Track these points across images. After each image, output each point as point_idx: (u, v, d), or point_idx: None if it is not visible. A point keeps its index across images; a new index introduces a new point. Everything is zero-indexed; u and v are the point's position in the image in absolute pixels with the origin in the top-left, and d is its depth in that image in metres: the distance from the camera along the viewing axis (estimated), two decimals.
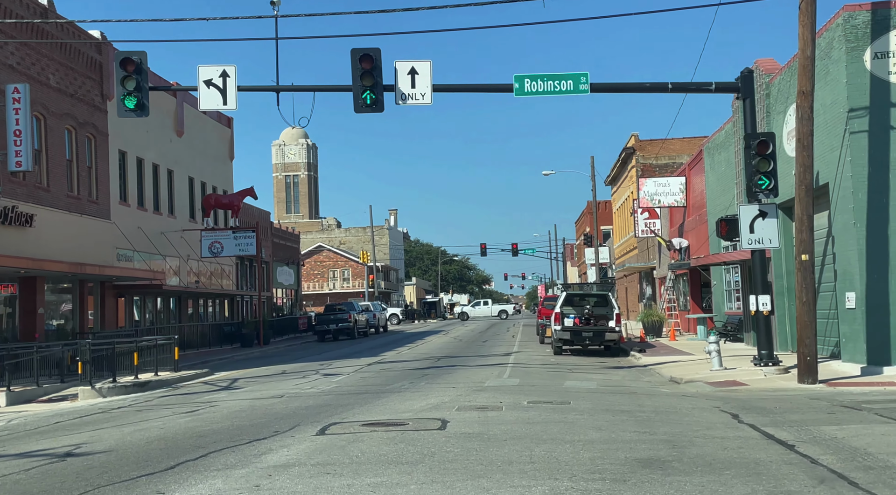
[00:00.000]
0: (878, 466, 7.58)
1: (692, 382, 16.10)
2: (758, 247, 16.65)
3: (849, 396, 12.95)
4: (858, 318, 16.09)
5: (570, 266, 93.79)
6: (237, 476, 7.82)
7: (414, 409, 12.26)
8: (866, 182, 15.99)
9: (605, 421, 10.71)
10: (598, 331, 24.48)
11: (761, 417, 10.88)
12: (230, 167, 44.67)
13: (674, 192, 33.92)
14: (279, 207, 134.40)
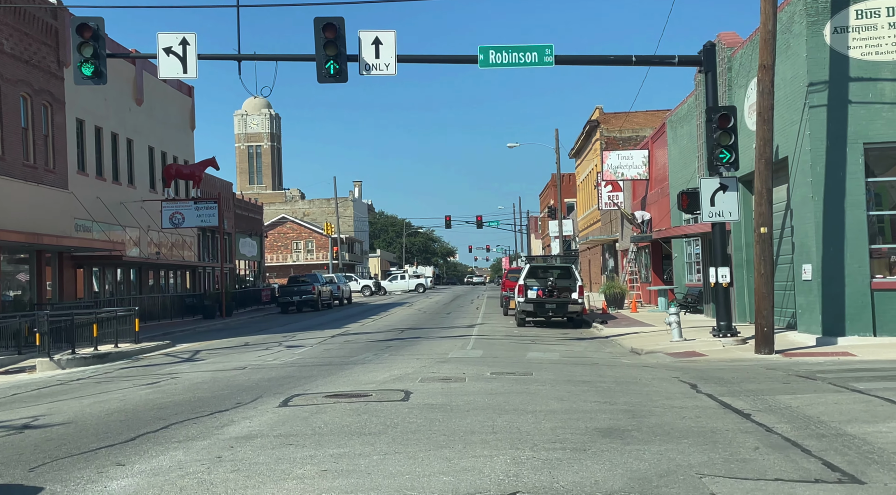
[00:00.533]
0: (830, 434, 7.77)
1: (653, 353, 16.33)
2: (718, 220, 16.85)
3: (804, 366, 13.23)
4: (814, 290, 16.42)
5: (534, 238, 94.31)
6: (199, 447, 7.79)
7: (377, 381, 12.29)
8: (824, 156, 16.24)
9: (567, 391, 10.83)
10: (561, 303, 24.68)
11: (719, 387, 11.08)
12: (191, 137, 44.00)
13: (637, 165, 34.17)
14: (242, 178, 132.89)
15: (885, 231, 16.80)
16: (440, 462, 6.88)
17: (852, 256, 16.03)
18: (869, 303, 15.98)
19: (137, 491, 6.28)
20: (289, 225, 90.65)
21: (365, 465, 6.83)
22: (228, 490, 6.19)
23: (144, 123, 37.04)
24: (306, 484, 6.26)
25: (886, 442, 7.32)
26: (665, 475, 6.32)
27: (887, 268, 16.50)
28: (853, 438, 7.56)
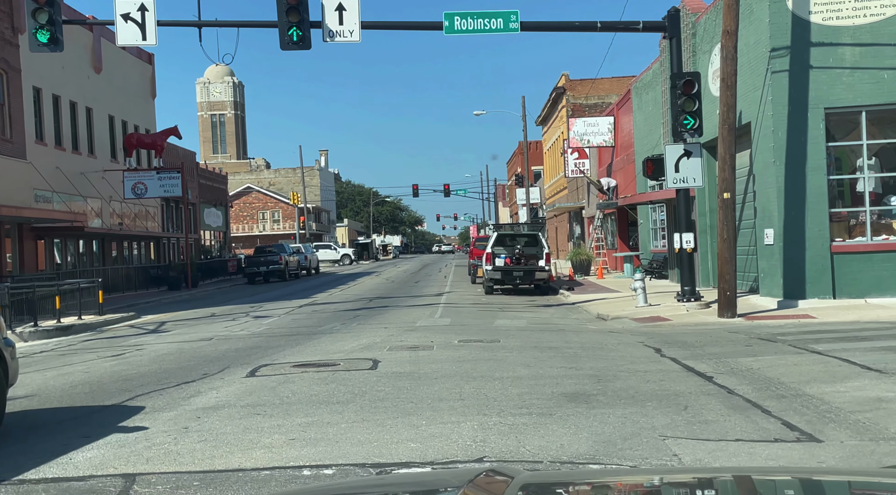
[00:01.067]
0: (789, 394, 7.94)
1: (618, 319, 16.51)
2: (682, 185, 16.99)
3: (765, 329, 13.48)
4: (776, 254, 16.68)
5: (501, 206, 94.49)
6: (165, 418, 7.76)
7: (345, 350, 12.30)
8: (786, 121, 16.40)
9: (534, 357, 10.94)
10: (528, 271, 24.82)
11: (682, 351, 11.26)
12: (152, 105, 43.21)
13: (602, 132, 34.26)
14: (205, 147, 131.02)
15: (844, 195, 17.08)
16: (408, 429, 6.93)
17: (813, 220, 16.28)
18: (829, 267, 16.28)
19: (103, 462, 6.25)
20: (254, 195, 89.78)
21: (333, 433, 6.85)
22: (196, 460, 6.18)
23: (104, 91, 36.27)
24: (274, 453, 6.27)
25: (843, 402, 7.50)
26: (629, 438, 6.42)
27: (846, 232, 16.80)
28: (812, 398, 7.73)
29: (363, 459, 6.03)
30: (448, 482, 1.88)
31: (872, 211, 16.66)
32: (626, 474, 2.67)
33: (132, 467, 6.05)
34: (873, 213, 16.68)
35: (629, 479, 2.10)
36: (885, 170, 16.82)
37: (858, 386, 8.19)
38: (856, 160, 16.89)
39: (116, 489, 5.50)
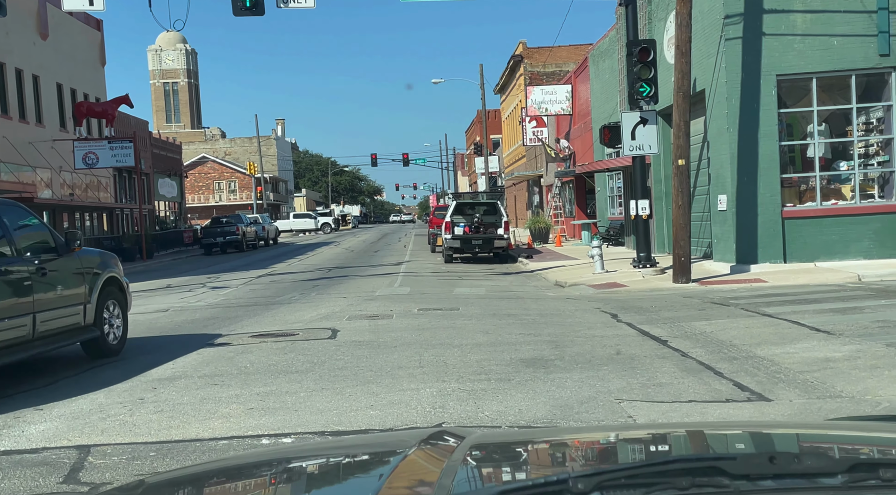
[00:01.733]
0: (741, 356, 8.12)
1: (576, 285, 16.68)
2: (638, 153, 17.13)
3: (718, 293, 13.74)
4: (729, 220, 16.95)
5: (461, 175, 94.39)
6: (120, 390, 7.68)
7: (304, 320, 12.26)
8: (739, 88, 16.58)
9: (493, 325, 11.02)
10: (487, 239, 24.91)
11: (638, 316, 11.43)
12: (102, 73, 42.16)
13: (560, 100, 34.33)
14: (158, 117, 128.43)
15: (795, 160, 17.38)
16: (367, 397, 6.95)
17: (765, 186, 16.55)
18: (780, 232, 16.60)
19: (57, 434, 6.17)
20: (210, 164, 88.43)
21: (292, 402, 6.85)
22: (152, 430, 6.14)
23: (51, 59, 35.27)
24: (232, 423, 6.25)
25: (793, 363, 7.70)
26: (586, 401, 6.53)
27: (797, 197, 17.13)
28: (762, 360, 7.92)
29: (322, 427, 6.05)
30: (401, 443, 1.92)
31: (822, 176, 16.99)
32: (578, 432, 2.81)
33: (86, 438, 5.99)
34: (823, 179, 17.02)
35: (582, 436, 2.17)
36: (834, 135, 17.14)
37: (807, 348, 8.41)
38: (806, 126, 17.18)
39: (70, 460, 5.44)
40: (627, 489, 1.24)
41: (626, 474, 1.31)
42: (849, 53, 16.31)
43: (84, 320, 9.01)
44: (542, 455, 1.88)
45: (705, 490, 1.21)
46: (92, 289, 9.15)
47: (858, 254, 16.35)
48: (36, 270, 8.14)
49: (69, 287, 8.73)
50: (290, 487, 1.78)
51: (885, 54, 16.15)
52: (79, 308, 8.88)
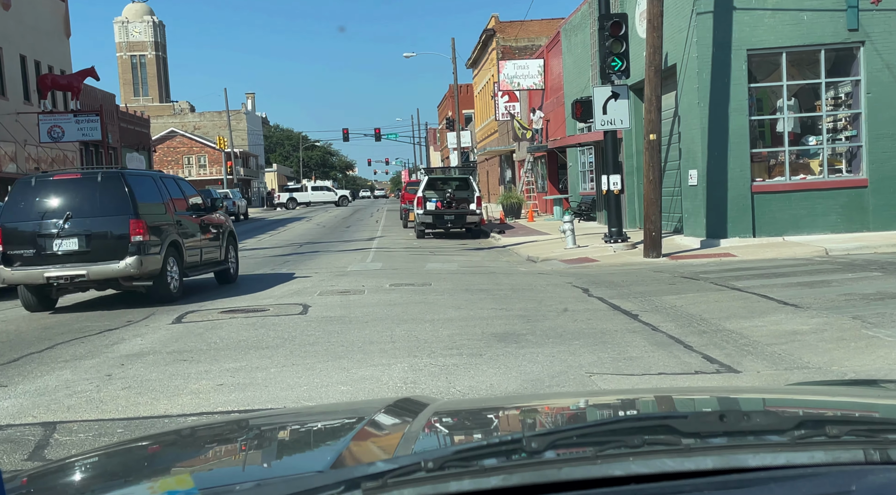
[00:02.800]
0: (710, 330, 8.19)
1: (548, 261, 16.72)
2: (610, 127, 17.14)
3: (688, 268, 13.84)
4: (700, 194, 17.06)
5: (433, 151, 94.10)
6: (87, 366, 7.57)
7: (275, 295, 12.17)
8: (710, 63, 16.62)
9: (464, 300, 11.01)
10: (459, 214, 24.88)
11: (609, 290, 11.48)
12: (67, 45, 41.27)
13: (532, 75, 34.24)
14: (126, 90, 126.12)
15: (765, 135, 17.50)
16: (338, 372, 6.92)
17: (735, 161, 16.66)
18: (749, 206, 16.74)
19: (21, 411, 6.08)
20: (178, 139, 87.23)
21: (262, 378, 6.80)
22: (119, 407, 6.06)
23: (13, 30, 34.43)
24: (201, 399, 6.19)
25: (761, 335, 7.78)
26: (557, 375, 6.54)
27: (766, 172, 17.27)
28: (731, 333, 7.99)
29: (292, 402, 6.01)
30: (367, 409, 1.97)
31: (791, 151, 17.13)
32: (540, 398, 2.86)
33: (52, 415, 5.90)
34: (792, 153, 17.16)
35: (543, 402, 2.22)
36: (803, 110, 17.27)
37: (775, 321, 8.50)
38: (776, 101, 17.28)
39: (36, 437, 5.36)
40: (580, 447, 1.27)
41: (579, 433, 1.35)
42: (818, 28, 16.39)
43: (220, 256, 13.97)
44: (502, 419, 1.92)
45: (657, 447, 1.24)
46: (223, 237, 14.00)
47: (826, 229, 16.54)
48: (200, 221, 13.25)
49: (214, 233, 13.69)
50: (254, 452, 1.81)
51: (854, 29, 16.26)
52: (219, 247, 13.86)
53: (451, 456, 1.21)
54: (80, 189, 11.80)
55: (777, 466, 1.21)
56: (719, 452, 1.25)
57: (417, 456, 1.26)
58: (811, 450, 1.23)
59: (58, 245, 11.50)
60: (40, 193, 11.74)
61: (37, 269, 11.37)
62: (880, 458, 1.22)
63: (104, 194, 11.71)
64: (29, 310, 11.83)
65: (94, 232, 11.57)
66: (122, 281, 11.65)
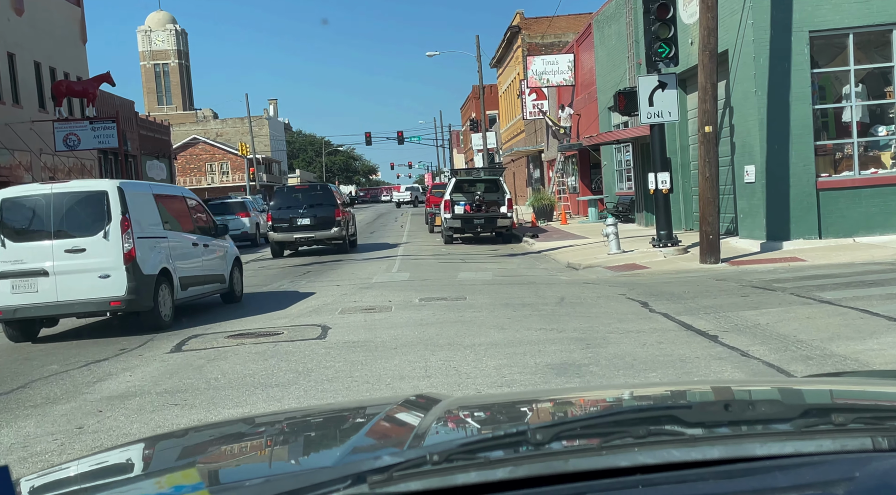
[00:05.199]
0: (816, 355, 6.69)
1: (591, 268, 15.23)
2: (657, 120, 15.63)
3: (755, 275, 12.29)
4: (758, 192, 15.48)
5: (456, 153, 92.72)
6: (58, 414, 6.23)
7: (291, 314, 10.80)
8: (768, 47, 15.05)
9: (507, 317, 9.56)
10: (489, 218, 23.42)
11: (672, 304, 9.99)
12: (83, 51, 40.38)
13: (562, 71, 32.71)
14: (150, 99, 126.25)
15: (829, 126, 15.89)
16: None
17: (798, 154, 15.07)
18: (814, 204, 15.14)
19: None
20: (201, 146, 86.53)
21: None
22: None
23: (28, 36, 33.52)
24: None
25: (884, 363, 6.27)
26: None
27: (832, 166, 15.65)
28: (844, 359, 6.50)
29: None
30: (379, 407, 1.93)
31: (859, 142, 15.50)
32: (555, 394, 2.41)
33: None
34: (860, 145, 15.53)
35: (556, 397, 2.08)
36: (871, 97, 15.63)
37: (892, 343, 6.97)
38: (841, 88, 15.66)
39: None
40: (585, 438, 1.28)
41: (584, 424, 1.36)
42: (889, 5, 14.76)
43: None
44: (512, 413, 1.90)
45: (661, 438, 1.24)
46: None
47: None
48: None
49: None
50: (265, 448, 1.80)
51: None
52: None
53: (457, 448, 1.22)
54: (308, 192, 22.51)
55: (784, 455, 1.20)
56: (726, 442, 1.25)
57: (424, 449, 1.26)
58: (818, 439, 1.23)
59: (299, 221, 21.61)
60: (288, 195, 22.64)
61: (289, 234, 21.70)
62: (889, 445, 1.21)
63: (320, 195, 22.12)
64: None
65: (318, 215, 21.64)
66: (332, 240, 22.08)
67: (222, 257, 12.67)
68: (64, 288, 9.75)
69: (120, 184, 10.21)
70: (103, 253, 9.86)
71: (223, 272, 12.59)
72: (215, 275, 12.35)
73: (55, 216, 9.96)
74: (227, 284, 12.65)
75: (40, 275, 9.76)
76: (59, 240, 9.89)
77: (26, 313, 9.77)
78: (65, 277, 9.75)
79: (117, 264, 9.84)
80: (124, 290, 9.80)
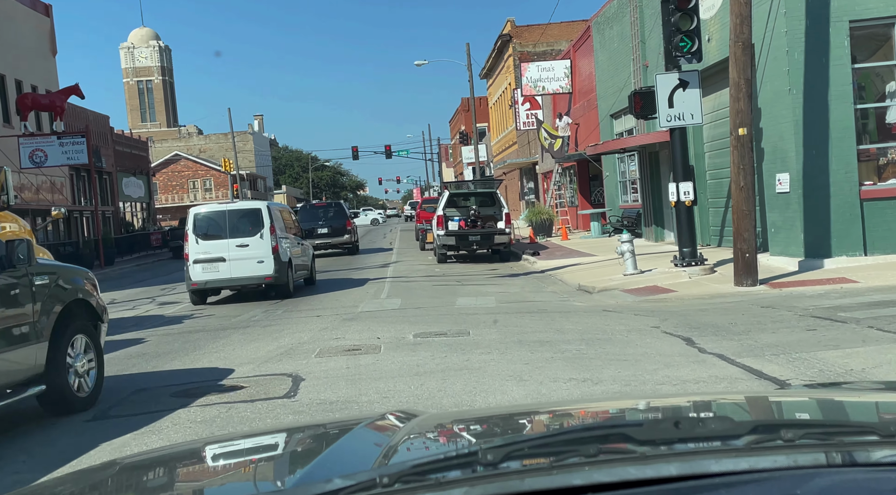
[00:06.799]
0: None
1: (607, 291, 13.40)
2: (678, 123, 13.87)
3: (806, 301, 10.48)
4: (793, 203, 13.70)
5: (445, 167, 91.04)
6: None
7: (259, 357, 8.88)
8: (804, 39, 13.32)
9: (524, 362, 7.68)
10: (486, 234, 21.58)
11: (724, 341, 8.15)
12: (53, 63, 38.42)
13: (559, 78, 31.01)
14: (133, 116, 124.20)
15: (869, 128, 14.16)
16: None
17: (838, 160, 13.32)
18: (858, 216, 13.38)
19: None
20: (183, 162, 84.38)
21: None
22: None
23: None
24: None
25: None
26: None
27: (876, 173, 13.91)
28: None
29: None
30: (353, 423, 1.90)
31: None
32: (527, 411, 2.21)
33: None
34: None
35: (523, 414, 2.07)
36: None
37: None
38: (883, 85, 13.94)
39: None
40: (536, 457, 1.28)
41: (535, 443, 1.36)
42: None
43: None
44: (475, 431, 1.87)
45: (613, 456, 1.24)
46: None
47: None
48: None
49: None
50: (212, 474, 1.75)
51: None
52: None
53: (409, 470, 1.21)
54: (325, 208, 28.58)
55: (738, 471, 1.20)
56: (681, 458, 1.24)
57: (373, 471, 1.25)
58: (773, 454, 1.23)
59: (319, 230, 26.91)
60: (311, 211, 28.50)
61: (312, 240, 22.14)
62: (842, 461, 1.21)
63: (335, 210, 28.24)
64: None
65: (334, 225, 27.44)
66: (344, 245, 27.65)
67: (308, 254, 17.55)
68: (235, 269, 14.81)
69: (268, 204, 15.59)
70: (260, 247, 14.86)
71: (309, 264, 17.60)
72: (306, 265, 17.31)
73: (229, 224, 15.10)
74: (309, 273, 17.58)
75: (221, 261, 14.76)
76: (232, 239, 14.94)
77: (212, 285, 14.90)
78: (236, 262, 14.78)
79: (268, 254, 14.86)
80: (272, 271, 14.89)
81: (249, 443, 1.98)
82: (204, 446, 2.02)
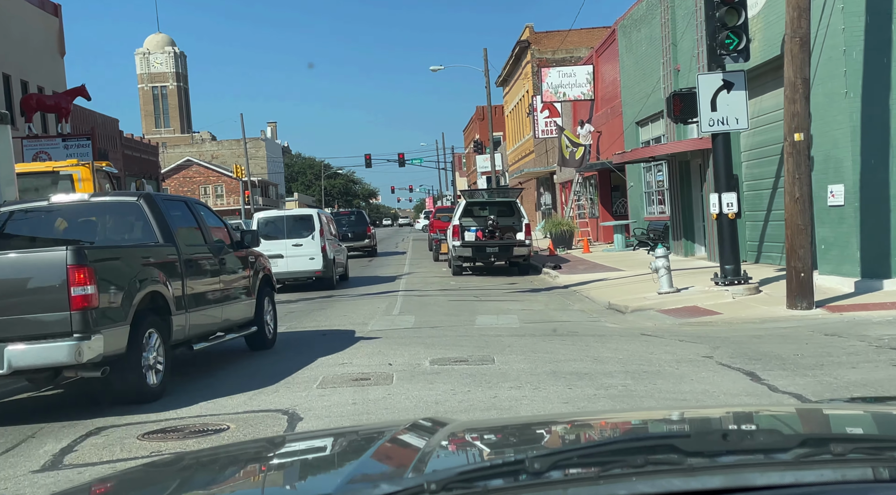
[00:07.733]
0: None
1: (641, 311, 12.17)
2: (721, 128, 12.67)
3: (876, 328, 9.24)
4: (848, 218, 12.45)
5: (458, 176, 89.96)
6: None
7: (250, 391, 7.68)
8: (863, 37, 12.10)
9: (562, 400, 6.47)
10: (504, 246, 20.39)
11: (796, 377, 6.92)
12: (61, 64, 37.61)
13: (580, 83, 29.84)
14: (147, 121, 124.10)
15: None
16: None
17: None
18: None
19: None
20: (195, 168, 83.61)
21: None
22: None
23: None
24: None
25: None
26: None
27: None
28: None
29: None
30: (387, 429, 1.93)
31: None
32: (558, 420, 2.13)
33: None
34: None
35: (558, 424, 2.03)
36: None
37: None
38: None
39: None
40: (583, 467, 1.26)
41: (581, 453, 1.35)
42: None
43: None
44: (515, 439, 1.86)
45: (660, 467, 1.21)
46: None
47: None
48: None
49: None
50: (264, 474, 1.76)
51: None
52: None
53: (455, 477, 1.21)
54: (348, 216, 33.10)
55: (784, 484, 1.18)
56: (726, 471, 1.22)
57: (422, 477, 1.24)
58: (819, 468, 1.21)
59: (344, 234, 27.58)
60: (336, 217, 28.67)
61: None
62: (889, 476, 1.19)
63: (357, 217, 32.71)
64: None
65: (356, 231, 31.09)
66: (365, 248, 31.69)
67: (344, 254, 20.52)
68: (291, 264, 17.64)
69: (318, 212, 19.12)
70: (311, 246, 17.94)
71: (345, 262, 20.60)
72: (342, 263, 20.02)
73: (287, 227, 18.40)
74: (344, 270, 20.47)
75: (279, 258, 16.87)
76: (289, 239, 18.03)
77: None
78: (292, 259, 17.65)
79: (318, 253, 17.94)
80: (321, 267, 17.98)
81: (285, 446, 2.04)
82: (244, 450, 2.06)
